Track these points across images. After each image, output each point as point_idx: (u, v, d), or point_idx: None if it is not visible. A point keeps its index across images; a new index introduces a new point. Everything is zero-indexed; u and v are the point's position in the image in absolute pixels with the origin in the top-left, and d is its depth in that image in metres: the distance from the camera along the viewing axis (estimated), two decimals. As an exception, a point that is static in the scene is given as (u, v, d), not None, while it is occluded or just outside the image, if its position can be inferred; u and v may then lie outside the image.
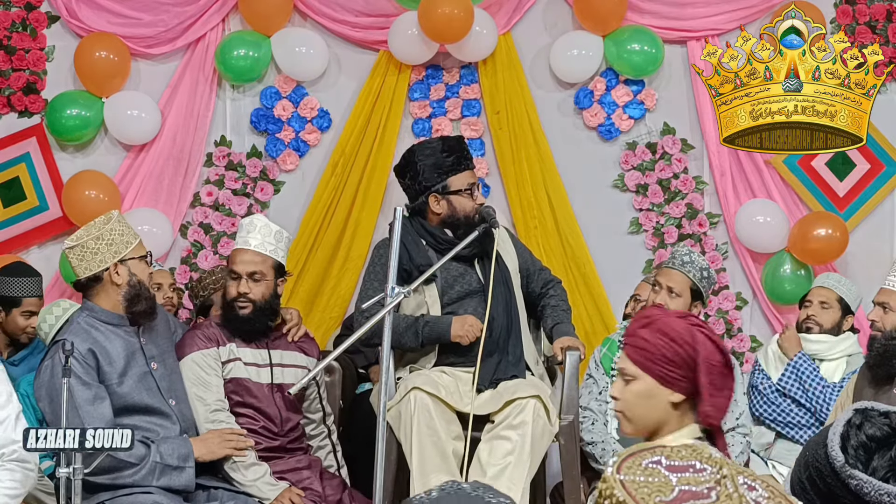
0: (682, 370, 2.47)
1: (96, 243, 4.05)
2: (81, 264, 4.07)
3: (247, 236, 4.38)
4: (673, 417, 2.51)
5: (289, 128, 5.98)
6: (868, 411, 1.82)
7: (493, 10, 5.89)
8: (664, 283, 4.58)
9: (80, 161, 5.95)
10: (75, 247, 4.07)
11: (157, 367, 4.16)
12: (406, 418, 4.20)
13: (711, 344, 2.48)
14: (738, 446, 4.54)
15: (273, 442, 4.35)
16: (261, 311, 4.36)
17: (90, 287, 4.11)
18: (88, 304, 4.13)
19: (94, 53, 5.82)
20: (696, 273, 4.57)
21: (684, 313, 2.62)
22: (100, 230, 4.08)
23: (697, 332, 2.48)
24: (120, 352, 4.08)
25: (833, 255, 5.80)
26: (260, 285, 4.34)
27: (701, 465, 1.41)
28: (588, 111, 5.96)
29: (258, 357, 4.38)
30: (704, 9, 5.91)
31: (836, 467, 1.77)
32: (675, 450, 1.44)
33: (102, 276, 4.08)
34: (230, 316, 4.37)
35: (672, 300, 4.55)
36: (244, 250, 4.37)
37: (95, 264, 4.06)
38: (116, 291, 4.08)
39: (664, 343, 2.48)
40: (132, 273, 4.09)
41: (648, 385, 2.51)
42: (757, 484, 1.42)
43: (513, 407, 4.22)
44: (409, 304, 4.45)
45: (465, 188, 4.51)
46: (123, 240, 4.11)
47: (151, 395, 4.10)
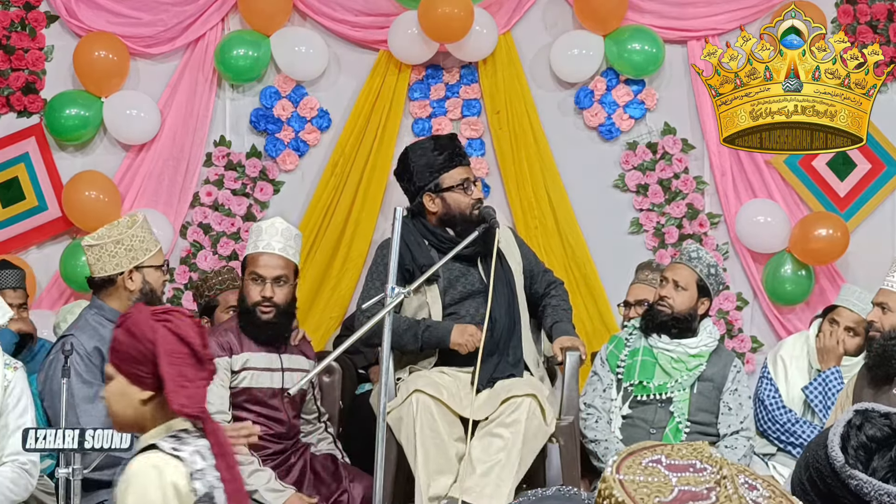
0: (145, 367, 2.51)
1: (115, 247, 4.07)
2: (97, 264, 4.09)
3: (270, 239, 4.33)
4: (147, 414, 2.55)
5: (288, 128, 5.98)
6: (868, 412, 1.81)
7: (493, 9, 5.89)
8: (670, 276, 4.63)
9: (80, 161, 5.95)
10: (94, 246, 4.09)
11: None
12: (408, 421, 4.19)
13: (174, 336, 2.50)
14: (741, 449, 4.53)
15: (278, 446, 4.35)
16: (283, 314, 4.33)
17: (103, 286, 4.13)
18: (98, 301, 4.14)
19: (94, 53, 5.82)
20: (703, 269, 4.60)
21: (161, 309, 2.62)
22: (121, 234, 4.10)
23: (161, 326, 2.51)
24: None
25: (834, 255, 5.80)
26: (284, 289, 4.31)
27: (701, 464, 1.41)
28: (588, 111, 5.96)
29: (271, 361, 4.35)
30: (705, 9, 5.91)
31: (836, 468, 1.76)
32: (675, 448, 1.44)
33: (116, 280, 4.10)
34: (250, 320, 4.31)
35: (678, 294, 4.58)
36: (269, 254, 4.31)
37: (111, 267, 4.09)
38: (128, 296, 4.10)
39: (129, 342, 2.52)
40: (146, 281, 4.12)
41: (121, 384, 2.55)
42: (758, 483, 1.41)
43: (507, 405, 4.21)
44: (410, 305, 4.44)
45: (457, 184, 4.49)
46: (143, 246, 4.12)
47: None
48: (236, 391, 4.28)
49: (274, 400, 4.33)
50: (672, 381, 4.57)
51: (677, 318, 4.60)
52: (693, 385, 4.59)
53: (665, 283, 4.63)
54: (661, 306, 4.60)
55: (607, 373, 4.66)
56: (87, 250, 4.10)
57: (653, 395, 4.57)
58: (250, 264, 4.35)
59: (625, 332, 4.78)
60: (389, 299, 3.93)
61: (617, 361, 4.66)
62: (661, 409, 4.56)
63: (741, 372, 4.68)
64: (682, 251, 4.72)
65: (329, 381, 4.90)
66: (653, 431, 4.53)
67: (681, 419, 4.53)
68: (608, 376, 4.65)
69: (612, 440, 4.53)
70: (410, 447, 4.19)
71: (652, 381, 4.58)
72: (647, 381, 4.58)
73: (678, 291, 4.59)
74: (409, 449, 4.20)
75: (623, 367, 4.63)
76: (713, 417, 4.60)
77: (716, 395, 4.60)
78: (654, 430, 4.53)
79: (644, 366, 4.60)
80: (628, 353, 4.66)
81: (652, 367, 4.60)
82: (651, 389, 4.57)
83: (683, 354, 4.60)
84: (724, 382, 4.61)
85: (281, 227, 4.36)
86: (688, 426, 4.53)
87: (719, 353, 4.68)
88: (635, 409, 4.58)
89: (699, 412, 4.57)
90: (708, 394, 4.59)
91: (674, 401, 4.54)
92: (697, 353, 4.61)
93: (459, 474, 4.17)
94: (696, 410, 4.56)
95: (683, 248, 4.74)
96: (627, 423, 4.58)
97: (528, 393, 4.24)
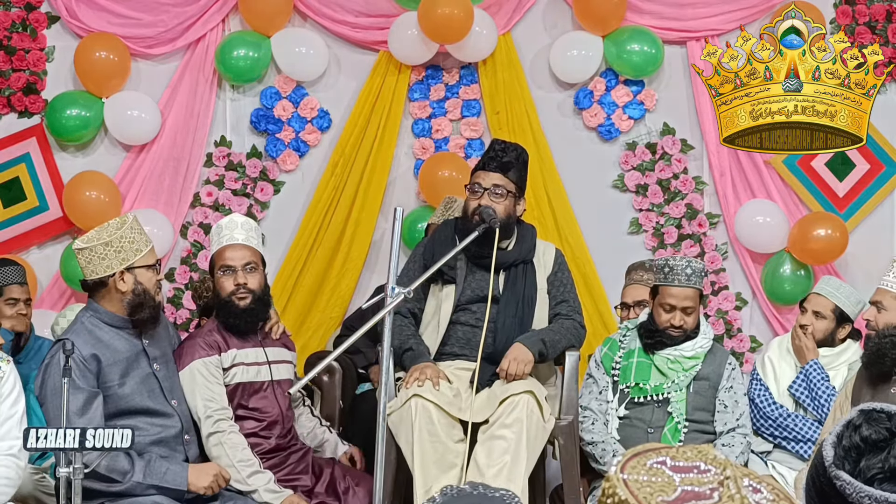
0: None
1: (105, 249, 4.06)
2: (88, 267, 4.09)
3: (231, 233, 4.40)
4: None
5: (289, 128, 5.98)
6: (872, 412, 1.82)
7: (492, 10, 5.90)
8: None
9: (81, 161, 5.95)
10: (84, 249, 4.08)
11: (159, 369, 4.17)
12: (407, 425, 4.20)
13: None
14: (738, 446, 4.54)
15: (279, 441, 4.36)
16: (259, 301, 4.38)
17: (96, 289, 4.12)
18: (93, 304, 4.14)
19: (94, 54, 5.82)
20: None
21: None
22: (111, 235, 4.09)
23: None
24: (122, 354, 4.08)
25: (833, 255, 5.81)
26: (255, 276, 4.38)
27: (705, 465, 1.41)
28: (588, 111, 5.96)
29: (257, 356, 4.39)
30: (704, 9, 5.91)
31: (826, 466, 1.77)
32: (680, 451, 1.44)
33: (108, 282, 4.09)
34: (229, 311, 4.37)
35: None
36: (233, 245, 4.38)
37: (102, 269, 4.07)
38: (121, 298, 4.09)
39: None
40: (138, 282, 4.10)
41: None
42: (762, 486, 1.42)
43: (505, 405, 4.21)
44: (429, 304, 4.49)
45: (470, 184, 4.51)
46: (133, 247, 4.11)
47: (154, 396, 4.11)
48: (229, 388, 4.30)
49: (264, 393, 4.36)
50: (668, 382, 4.57)
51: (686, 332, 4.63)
52: (689, 385, 4.59)
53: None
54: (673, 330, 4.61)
55: (603, 375, 4.66)
56: (78, 254, 4.10)
57: (649, 396, 4.57)
58: (218, 260, 4.42)
59: (618, 334, 4.78)
60: (389, 299, 3.93)
61: (612, 364, 4.66)
62: (658, 409, 4.56)
63: (736, 369, 4.68)
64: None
65: (329, 381, 4.91)
66: (651, 431, 4.54)
67: (679, 419, 4.53)
68: (604, 379, 4.65)
69: (609, 441, 4.53)
70: (409, 451, 4.20)
71: (648, 383, 4.58)
72: (644, 383, 4.58)
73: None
74: (408, 452, 4.21)
75: (618, 370, 4.64)
76: (710, 416, 4.60)
77: (712, 394, 4.61)
78: (651, 429, 4.54)
79: (640, 367, 4.61)
80: (623, 354, 4.66)
81: (648, 368, 4.60)
82: (647, 391, 4.57)
83: (679, 356, 4.60)
84: (719, 381, 4.61)
85: (240, 221, 4.45)
86: (686, 426, 4.53)
87: (714, 351, 4.68)
88: (632, 409, 4.59)
89: (696, 411, 4.57)
90: (704, 393, 4.60)
91: (671, 401, 4.55)
92: (693, 354, 4.62)
93: (465, 479, 4.17)
94: (693, 410, 4.56)
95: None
96: (625, 424, 4.58)
97: (525, 390, 4.24)
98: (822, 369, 4.79)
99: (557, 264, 4.61)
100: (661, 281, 4.62)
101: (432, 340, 4.47)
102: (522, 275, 4.49)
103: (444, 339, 4.45)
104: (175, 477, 3.99)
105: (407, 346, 4.40)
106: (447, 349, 4.46)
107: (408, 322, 4.47)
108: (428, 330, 4.50)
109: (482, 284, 4.46)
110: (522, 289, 4.48)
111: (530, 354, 4.35)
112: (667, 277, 4.59)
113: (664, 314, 4.59)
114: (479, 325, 4.41)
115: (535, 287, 4.51)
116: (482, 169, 4.50)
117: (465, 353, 4.43)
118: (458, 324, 4.46)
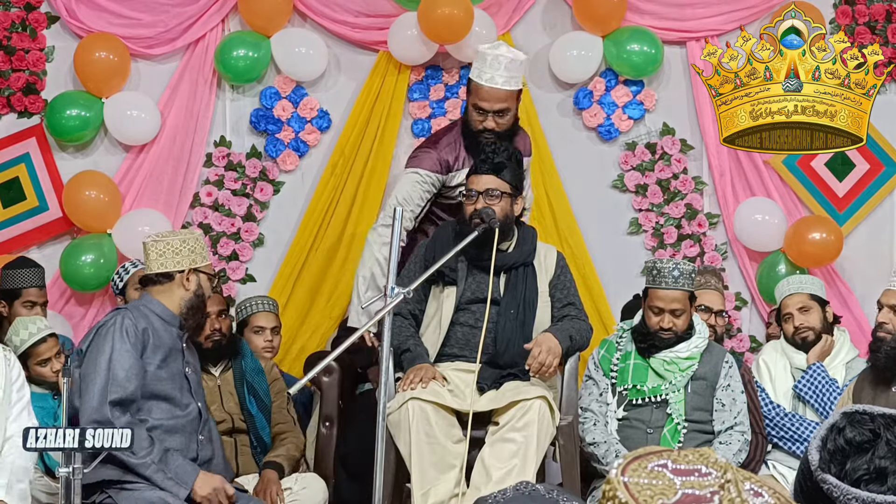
0: None
1: (181, 245, 4.19)
2: (159, 259, 4.17)
3: (493, 73, 4.83)
4: None
5: (288, 128, 5.98)
6: (855, 415, 1.82)
7: (492, 10, 5.89)
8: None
9: (80, 161, 5.95)
10: (159, 241, 4.20)
11: (190, 372, 4.26)
12: (404, 427, 4.20)
13: None
14: (735, 444, 4.54)
15: None
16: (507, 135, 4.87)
17: (157, 283, 4.19)
18: (147, 296, 4.23)
19: (94, 54, 5.82)
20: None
21: None
22: (185, 236, 4.24)
23: None
24: (166, 343, 4.16)
25: (827, 259, 5.80)
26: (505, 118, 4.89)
27: (707, 469, 1.42)
28: (587, 111, 5.96)
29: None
30: (704, 9, 5.91)
31: (812, 470, 1.78)
32: (682, 454, 1.44)
33: (175, 276, 4.16)
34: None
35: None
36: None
37: (172, 264, 4.17)
38: (181, 296, 4.18)
39: None
40: (201, 286, 4.21)
41: None
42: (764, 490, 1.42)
43: (517, 409, 4.21)
44: (430, 306, 4.49)
45: (465, 189, 4.50)
46: (203, 253, 4.26)
47: (180, 390, 4.18)
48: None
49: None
50: (666, 384, 4.57)
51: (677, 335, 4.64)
52: (687, 385, 4.59)
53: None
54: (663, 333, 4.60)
55: (601, 377, 4.66)
56: (152, 245, 4.20)
57: (647, 398, 4.57)
58: (475, 95, 4.86)
59: (615, 336, 4.79)
60: (389, 299, 3.93)
61: (609, 365, 4.66)
62: (657, 410, 4.57)
63: (733, 367, 4.68)
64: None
65: (329, 381, 4.91)
66: (650, 431, 4.54)
67: (678, 420, 4.53)
68: (603, 380, 4.65)
69: (611, 441, 4.53)
70: (406, 453, 4.20)
71: (646, 385, 4.58)
72: (641, 385, 4.58)
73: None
74: (406, 455, 4.21)
75: (616, 371, 4.64)
76: (709, 416, 4.60)
77: (710, 393, 4.61)
78: (651, 430, 4.54)
79: (637, 369, 4.61)
80: (620, 356, 4.66)
81: (644, 370, 4.61)
82: (645, 393, 4.57)
83: (675, 357, 4.61)
84: (717, 380, 4.62)
85: (504, 62, 4.86)
86: (685, 426, 4.53)
87: (710, 350, 4.68)
88: (631, 411, 4.59)
89: (695, 411, 4.57)
90: (702, 392, 4.60)
91: (670, 402, 4.55)
92: (689, 355, 4.62)
93: (472, 481, 4.17)
94: (691, 410, 4.57)
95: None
96: (624, 425, 4.58)
97: (539, 395, 4.24)
98: (825, 370, 4.80)
99: (560, 267, 4.60)
100: (649, 283, 4.64)
101: (433, 341, 4.47)
102: (523, 278, 4.48)
103: (445, 340, 4.45)
104: (184, 473, 4.00)
105: (405, 347, 4.40)
106: (447, 350, 4.47)
107: (407, 323, 4.47)
108: (428, 331, 4.50)
109: (482, 286, 4.45)
110: (523, 291, 4.47)
111: (560, 347, 4.34)
112: (654, 280, 4.60)
113: (653, 317, 4.60)
114: (478, 325, 4.41)
115: (536, 290, 4.50)
116: (475, 173, 4.49)
117: (464, 354, 4.43)
118: (459, 324, 4.46)
